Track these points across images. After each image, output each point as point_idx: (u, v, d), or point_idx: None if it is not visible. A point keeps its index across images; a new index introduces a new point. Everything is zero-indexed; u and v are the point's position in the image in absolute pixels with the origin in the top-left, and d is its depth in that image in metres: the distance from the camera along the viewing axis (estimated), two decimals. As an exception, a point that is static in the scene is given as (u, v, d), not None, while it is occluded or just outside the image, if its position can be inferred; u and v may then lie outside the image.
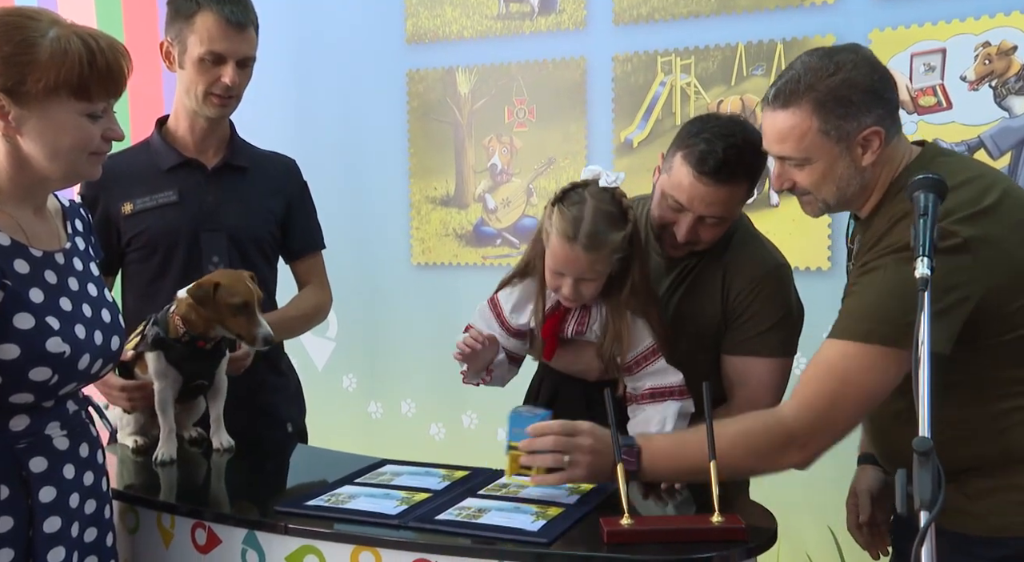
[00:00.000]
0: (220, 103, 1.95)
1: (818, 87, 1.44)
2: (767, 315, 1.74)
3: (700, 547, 1.31)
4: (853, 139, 1.46)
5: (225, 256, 1.98)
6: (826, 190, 1.50)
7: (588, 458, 1.45)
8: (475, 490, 1.57)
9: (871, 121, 1.45)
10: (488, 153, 3.01)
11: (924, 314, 1.19)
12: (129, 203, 1.97)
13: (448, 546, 1.36)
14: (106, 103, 1.33)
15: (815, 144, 1.46)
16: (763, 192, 2.63)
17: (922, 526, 1.05)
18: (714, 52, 2.66)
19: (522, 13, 2.92)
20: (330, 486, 1.60)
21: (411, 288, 3.15)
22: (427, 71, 3.07)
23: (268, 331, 1.75)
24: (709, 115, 1.85)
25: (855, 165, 1.47)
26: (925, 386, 1.16)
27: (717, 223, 1.71)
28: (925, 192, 1.32)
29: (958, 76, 2.37)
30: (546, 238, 1.68)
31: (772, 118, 1.50)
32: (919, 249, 1.26)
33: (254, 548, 1.49)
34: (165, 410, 1.79)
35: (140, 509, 1.63)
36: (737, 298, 1.76)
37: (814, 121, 1.45)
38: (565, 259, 1.64)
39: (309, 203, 2.18)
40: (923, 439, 1.11)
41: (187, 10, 1.90)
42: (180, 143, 2.02)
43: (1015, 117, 2.33)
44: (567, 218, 1.63)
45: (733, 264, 1.77)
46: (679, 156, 1.69)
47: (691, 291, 1.80)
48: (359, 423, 3.26)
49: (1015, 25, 2.29)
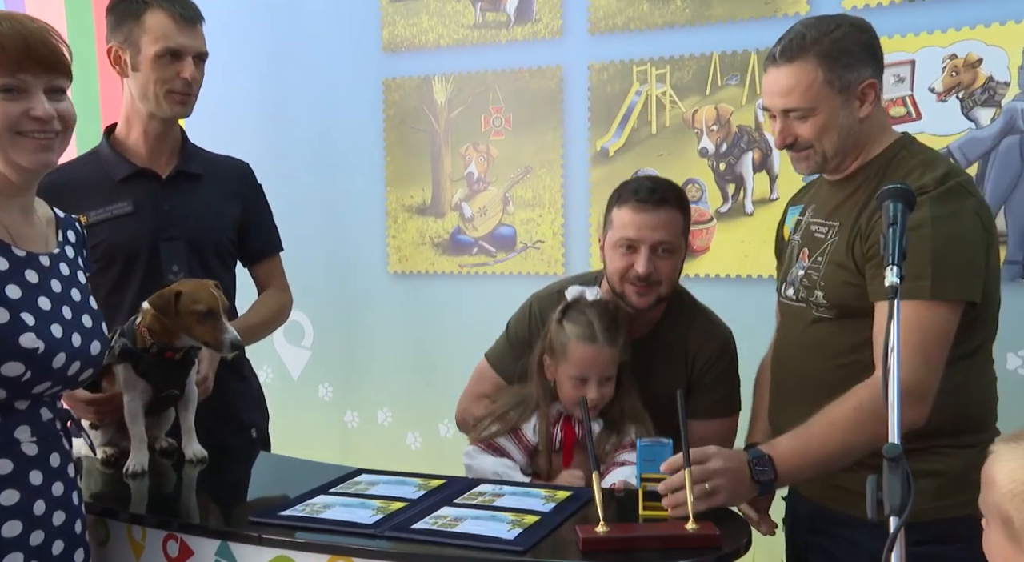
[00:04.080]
0: (181, 100, 1.94)
1: (822, 41, 1.56)
2: (727, 381, 1.93)
3: (675, 554, 1.32)
4: (853, 90, 1.57)
5: (185, 265, 1.97)
6: (827, 140, 1.60)
7: (725, 481, 1.44)
8: (451, 499, 1.57)
9: (869, 74, 1.58)
10: (465, 162, 3.02)
11: (894, 322, 1.21)
12: (83, 215, 1.95)
13: (424, 555, 1.36)
14: (22, 80, 1.30)
15: (820, 94, 1.56)
16: (738, 201, 2.66)
17: (892, 531, 1.07)
18: (689, 62, 2.69)
19: (498, 22, 2.94)
20: (305, 495, 1.59)
21: (388, 297, 3.15)
22: (403, 79, 3.08)
23: (235, 336, 1.74)
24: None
25: (853, 116, 1.58)
26: (895, 393, 1.18)
27: (669, 253, 1.84)
28: (894, 201, 1.34)
29: (927, 87, 2.41)
30: (560, 352, 1.80)
31: (777, 74, 1.60)
32: (888, 257, 1.28)
33: (227, 559, 1.48)
34: (135, 422, 1.77)
35: (110, 521, 1.61)
36: (703, 368, 1.91)
37: (819, 72, 1.56)
38: (591, 361, 1.77)
39: (264, 206, 2.17)
40: (893, 445, 1.12)
41: (135, 11, 1.89)
42: (131, 152, 2.00)
43: (981, 128, 2.37)
44: (581, 324, 1.79)
45: (693, 338, 1.93)
46: (615, 208, 1.86)
47: (654, 363, 1.91)
48: (335, 432, 3.25)
49: (980, 38, 2.34)
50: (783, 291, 1.76)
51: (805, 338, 1.68)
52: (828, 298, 1.62)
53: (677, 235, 1.85)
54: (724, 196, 2.69)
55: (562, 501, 1.54)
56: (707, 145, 2.69)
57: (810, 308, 1.66)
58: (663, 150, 2.74)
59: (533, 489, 1.64)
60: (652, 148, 2.75)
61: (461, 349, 2.42)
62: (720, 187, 2.70)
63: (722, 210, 2.69)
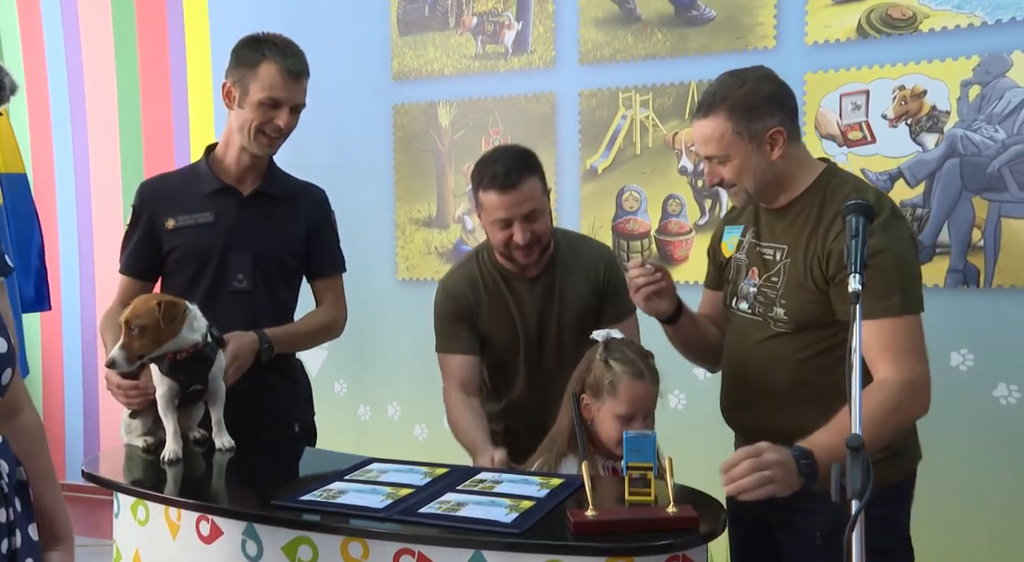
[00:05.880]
0: (268, 143, 1.99)
1: (729, 97, 1.61)
2: (624, 286, 1.90)
3: (657, 535, 1.32)
4: (762, 137, 1.62)
5: (249, 274, 2.00)
6: (746, 180, 1.64)
7: (779, 472, 1.42)
8: (454, 485, 1.57)
9: (774, 122, 1.62)
10: (467, 179, 3.02)
11: (856, 324, 1.22)
12: (172, 219, 2.00)
13: (429, 537, 1.36)
14: None
15: (732, 143, 1.62)
16: (714, 215, 2.66)
17: (853, 513, 1.07)
18: (669, 89, 2.70)
19: (497, 53, 2.95)
20: (322, 482, 1.59)
21: (396, 302, 3.15)
22: (411, 105, 3.08)
23: (116, 353, 1.70)
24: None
25: (766, 159, 1.63)
26: (857, 388, 1.19)
27: (538, 215, 1.89)
28: (856, 215, 1.36)
29: (880, 114, 2.43)
30: (607, 391, 1.68)
31: (698, 126, 1.66)
32: (852, 266, 1.30)
33: (253, 539, 1.48)
34: (167, 413, 1.78)
35: (149, 503, 1.61)
36: (604, 278, 2.00)
37: (728, 125, 1.61)
38: (642, 398, 1.68)
39: (331, 229, 2.17)
40: (855, 436, 1.13)
41: (252, 61, 1.93)
42: (224, 171, 2.03)
43: (927, 151, 2.39)
44: (627, 361, 1.69)
45: (586, 260, 2.01)
46: (480, 191, 1.89)
47: (565, 288, 1.98)
48: (349, 425, 3.24)
49: (925, 72, 2.37)
50: (734, 304, 1.77)
51: (764, 349, 1.69)
52: (789, 314, 1.63)
53: (539, 198, 1.89)
54: (702, 210, 2.70)
55: (555, 488, 1.54)
56: (686, 164, 2.70)
57: (767, 322, 1.67)
58: (646, 168, 2.75)
59: (530, 477, 1.64)
60: (636, 166, 2.76)
61: (464, 349, 2.41)
62: (698, 202, 2.70)
63: (700, 223, 2.70)
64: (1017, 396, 2.34)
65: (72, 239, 3.87)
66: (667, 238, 2.75)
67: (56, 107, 3.84)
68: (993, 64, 2.31)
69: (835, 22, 2.47)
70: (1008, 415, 2.34)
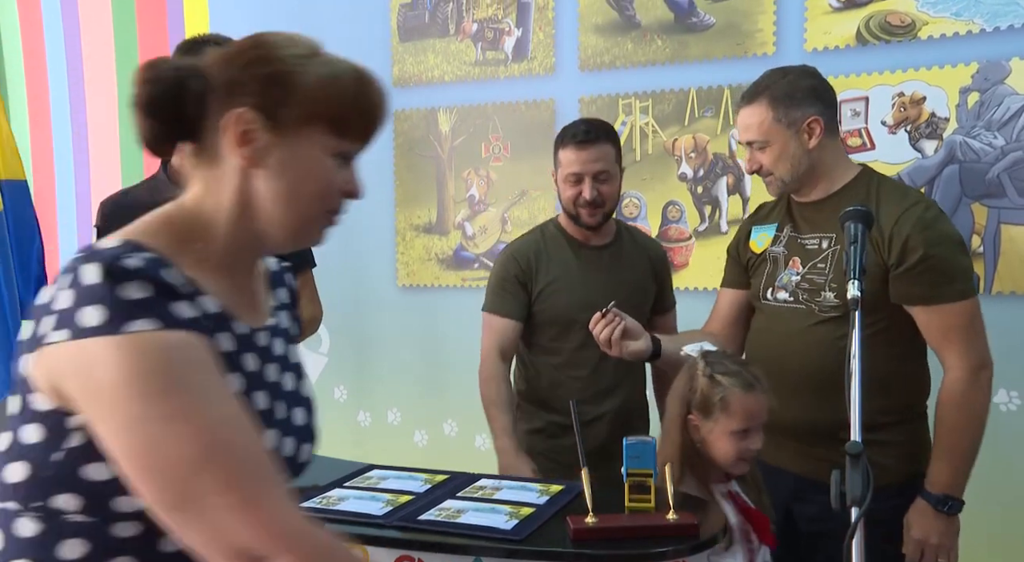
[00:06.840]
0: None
1: (772, 87, 1.74)
2: (670, 278, 2.26)
3: (657, 542, 1.32)
4: (799, 125, 1.72)
5: None
6: (782, 167, 1.75)
7: (943, 541, 1.61)
8: (454, 492, 1.57)
9: (813, 112, 1.72)
10: (467, 185, 3.03)
11: (855, 330, 1.22)
12: None
13: (429, 543, 1.36)
14: (358, 147, 1.04)
15: (771, 129, 1.73)
16: (714, 221, 2.66)
17: (853, 520, 1.07)
18: (669, 96, 2.70)
19: (497, 60, 2.95)
20: (322, 489, 1.58)
21: (397, 307, 3.14)
22: (411, 111, 3.09)
23: None
24: None
25: (803, 148, 1.73)
26: (857, 395, 1.18)
27: (608, 179, 2.02)
28: (854, 222, 1.36)
29: (879, 120, 2.44)
30: (718, 408, 1.55)
31: (742, 114, 1.78)
32: (851, 272, 1.30)
33: (251, 547, 1.47)
34: None
35: (146, 512, 1.60)
36: (659, 267, 2.20)
37: (769, 112, 1.73)
38: (757, 409, 1.56)
39: None
40: (855, 443, 1.13)
41: None
42: (183, 178, 2.02)
43: (927, 158, 2.40)
44: (734, 374, 1.57)
45: (648, 245, 2.23)
46: (560, 149, 2.05)
47: (630, 262, 2.14)
48: (349, 431, 3.24)
49: (924, 79, 2.38)
50: (771, 295, 1.81)
51: (809, 335, 1.72)
52: (840, 297, 1.68)
53: (612, 163, 2.03)
54: (702, 216, 2.70)
55: (555, 494, 1.54)
56: (686, 170, 2.70)
57: (812, 308, 1.72)
58: (646, 175, 2.75)
59: (529, 483, 1.63)
60: (636, 173, 2.76)
61: (463, 355, 2.42)
62: (698, 208, 2.70)
63: (700, 229, 2.70)
64: (1018, 402, 2.34)
65: (72, 246, 3.88)
66: (667, 244, 2.75)
67: (56, 109, 3.84)
68: (992, 71, 2.31)
69: (834, 29, 2.47)
70: (1008, 421, 2.34)
